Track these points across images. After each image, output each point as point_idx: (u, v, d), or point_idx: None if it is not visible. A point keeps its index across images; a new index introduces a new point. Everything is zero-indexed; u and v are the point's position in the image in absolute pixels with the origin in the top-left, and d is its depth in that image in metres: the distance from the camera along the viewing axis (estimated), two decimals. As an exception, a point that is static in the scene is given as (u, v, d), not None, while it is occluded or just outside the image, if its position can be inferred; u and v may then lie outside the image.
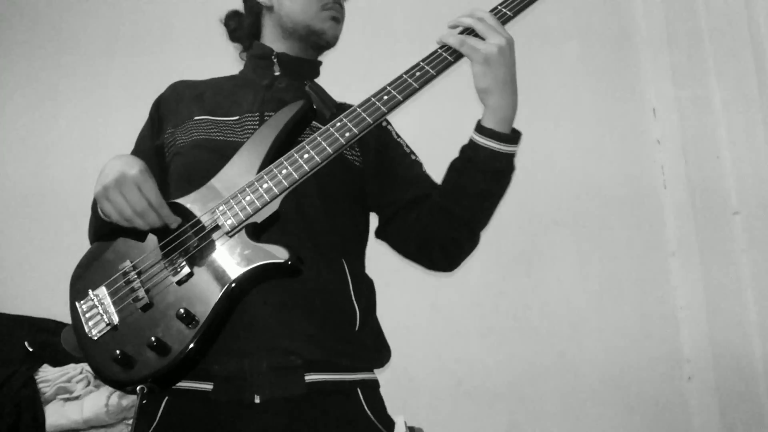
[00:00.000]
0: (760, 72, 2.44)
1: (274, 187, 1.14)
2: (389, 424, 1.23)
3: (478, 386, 2.44)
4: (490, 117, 1.18)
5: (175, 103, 1.38)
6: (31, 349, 2.11)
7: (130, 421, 1.97)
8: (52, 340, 2.17)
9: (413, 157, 1.40)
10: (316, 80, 1.44)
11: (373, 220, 1.42)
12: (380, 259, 1.41)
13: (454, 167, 1.24)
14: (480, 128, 1.19)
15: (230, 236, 1.12)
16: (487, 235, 1.28)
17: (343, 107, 1.40)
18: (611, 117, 2.68)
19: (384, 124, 1.43)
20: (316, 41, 1.40)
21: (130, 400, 1.97)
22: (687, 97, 2.61)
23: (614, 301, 2.54)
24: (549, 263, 2.56)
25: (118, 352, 1.06)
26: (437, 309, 2.47)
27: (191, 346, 1.05)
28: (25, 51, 2.72)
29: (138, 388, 1.05)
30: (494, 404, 2.44)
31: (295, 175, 1.14)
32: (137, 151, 1.38)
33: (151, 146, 1.36)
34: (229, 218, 1.13)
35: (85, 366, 2.04)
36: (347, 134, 1.17)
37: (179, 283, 1.10)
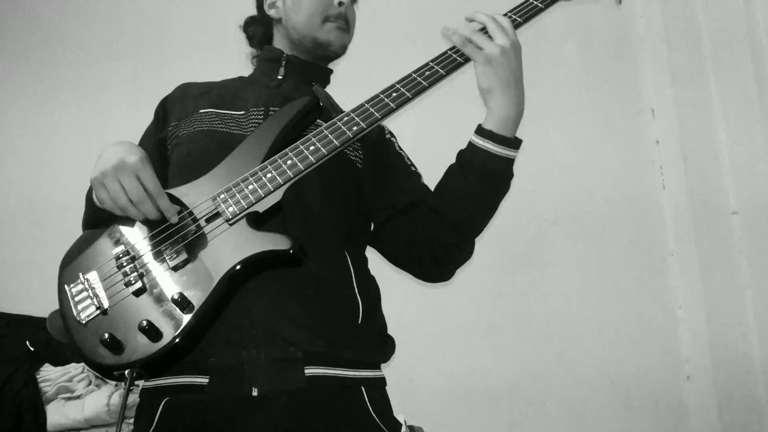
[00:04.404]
0: (759, 72, 2.44)
1: (278, 177, 1.12)
2: (395, 426, 1.20)
3: (478, 386, 2.44)
4: (491, 118, 1.18)
5: (181, 100, 1.39)
6: (32, 349, 2.11)
7: (131, 421, 1.97)
8: (53, 340, 2.17)
9: (413, 169, 1.39)
10: (326, 89, 1.44)
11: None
12: (379, 258, 1.41)
13: (450, 169, 1.24)
14: (479, 130, 1.19)
15: (230, 224, 1.09)
16: (487, 235, 1.28)
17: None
18: (610, 117, 2.69)
19: (387, 135, 1.42)
20: (323, 53, 1.40)
21: (132, 399, 1.97)
22: (686, 98, 2.61)
23: (613, 301, 2.54)
24: (548, 263, 2.56)
25: (107, 335, 1.01)
26: (437, 309, 2.47)
27: (184, 331, 1.00)
28: (26, 52, 2.72)
29: (126, 372, 1.00)
30: (494, 404, 2.44)
31: (300, 166, 1.12)
32: (140, 146, 1.36)
33: (155, 141, 1.35)
34: (231, 206, 1.10)
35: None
36: (354, 128, 1.15)
37: (175, 268, 1.06)
